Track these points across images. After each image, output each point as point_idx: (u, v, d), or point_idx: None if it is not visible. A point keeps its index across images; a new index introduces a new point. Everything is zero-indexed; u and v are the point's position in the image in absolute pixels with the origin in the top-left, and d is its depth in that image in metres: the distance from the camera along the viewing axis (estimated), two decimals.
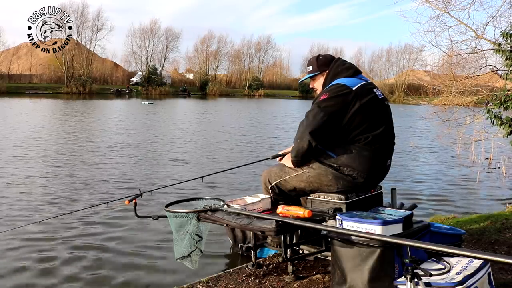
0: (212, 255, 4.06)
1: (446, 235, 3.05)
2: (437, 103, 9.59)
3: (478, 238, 3.79)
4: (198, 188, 6.73)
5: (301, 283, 2.79)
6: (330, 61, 2.94)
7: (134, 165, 9.05)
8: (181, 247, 2.92)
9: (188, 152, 11.30)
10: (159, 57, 64.69)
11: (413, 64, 54.41)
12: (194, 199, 3.31)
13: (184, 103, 41.57)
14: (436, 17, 7.65)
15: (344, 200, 2.71)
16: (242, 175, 8.02)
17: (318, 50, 69.97)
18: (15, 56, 61.41)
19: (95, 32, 58.01)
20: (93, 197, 6.38)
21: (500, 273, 2.91)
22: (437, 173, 9.35)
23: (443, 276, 2.07)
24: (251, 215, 2.68)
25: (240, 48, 71.79)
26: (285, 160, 2.93)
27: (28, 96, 43.68)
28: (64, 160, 9.37)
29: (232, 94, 64.21)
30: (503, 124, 6.51)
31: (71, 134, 14.11)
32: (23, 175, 7.70)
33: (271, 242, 3.10)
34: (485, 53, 7.53)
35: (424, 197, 7.09)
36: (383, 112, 2.79)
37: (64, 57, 52.98)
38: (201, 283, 2.86)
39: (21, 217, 5.33)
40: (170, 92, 59.78)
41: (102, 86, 57.00)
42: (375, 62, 71.78)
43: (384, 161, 2.80)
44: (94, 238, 4.69)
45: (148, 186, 6.77)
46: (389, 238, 1.87)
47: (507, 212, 5.21)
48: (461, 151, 10.70)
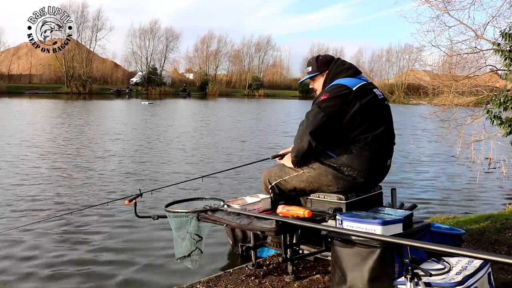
0: (212, 255, 4.06)
1: (446, 235, 3.05)
2: (437, 103, 9.61)
3: (478, 238, 3.79)
4: (198, 188, 6.73)
5: (301, 283, 2.79)
6: (329, 62, 2.94)
7: (134, 165, 9.05)
8: (181, 247, 2.92)
9: (188, 152, 11.30)
10: (159, 57, 64.76)
11: (413, 64, 54.32)
12: (194, 199, 3.30)
13: (184, 103, 41.57)
14: (436, 17, 7.68)
15: (344, 200, 2.71)
16: (242, 175, 8.02)
17: (318, 50, 69.98)
18: (15, 56, 61.37)
19: (95, 32, 58.03)
20: (93, 197, 6.38)
21: (500, 273, 2.91)
22: (437, 173, 9.35)
23: (443, 276, 2.07)
24: (251, 215, 2.68)
25: (240, 48, 71.86)
26: (285, 160, 2.93)
27: (28, 96, 43.69)
28: (64, 160, 9.37)
29: (232, 94, 64.18)
30: (503, 124, 6.52)
31: (70, 134, 14.10)
32: (23, 175, 7.70)
33: (271, 242, 3.10)
34: (485, 53, 7.56)
35: (424, 197, 7.09)
36: (383, 112, 2.79)
37: (64, 57, 52.93)
38: (201, 283, 2.86)
39: (20, 216, 5.33)
40: (170, 92, 59.74)
41: (102, 86, 56.97)
42: (375, 62, 71.85)
43: (384, 161, 2.80)
44: (94, 238, 4.69)
45: (148, 186, 6.77)
46: (389, 238, 1.87)
47: (507, 212, 5.21)
48: (461, 151, 10.70)
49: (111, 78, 62.82)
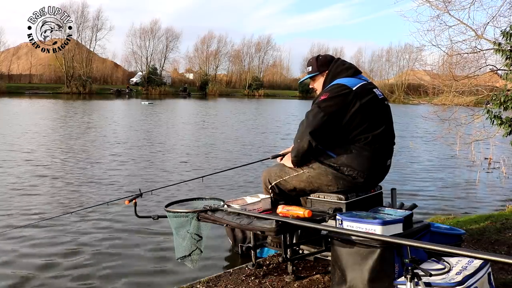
0: (212, 255, 4.06)
1: (446, 235, 3.05)
2: (437, 102, 9.60)
3: (478, 238, 3.79)
4: (198, 188, 6.73)
5: (301, 283, 2.79)
6: (329, 61, 2.94)
7: (134, 165, 9.05)
8: (181, 247, 2.92)
9: (188, 152, 11.30)
10: (159, 57, 64.77)
11: (413, 64, 54.26)
12: (194, 199, 3.30)
13: (184, 103, 41.57)
14: (436, 17, 7.67)
15: (344, 200, 2.71)
16: (242, 175, 8.02)
17: (318, 50, 69.98)
18: (15, 56, 61.35)
19: (95, 32, 58.04)
20: (93, 197, 6.38)
21: (500, 273, 2.91)
22: (437, 173, 9.35)
23: (443, 276, 2.07)
24: (251, 215, 2.68)
25: (240, 48, 71.88)
26: (285, 160, 2.93)
27: (28, 96, 43.69)
28: (64, 160, 9.37)
29: (232, 94, 64.18)
30: (503, 124, 6.52)
31: (70, 134, 14.10)
32: (23, 175, 7.70)
33: (271, 242, 3.10)
34: (485, 53, 7.55)
35: (424, 197, 7.09)
36: (383, 112, 2.79)
37: (64, 57, 52.92)
38: (201, 283, 2.86)
39: (20, 217, 5.34)
40: (170, 92, 59.74)
41: (102, 86, 56.97)
42: (375, 62, 71.85)
43: (384, 161, 2.80)
44: (94, 238, 4.69)
45: (148, 186, 6.76)
46: (389, 238, 1.87)
47: (507, 212, 5.21)
48: (461, 151, 10.70)
49: (111, 78, 62.81)
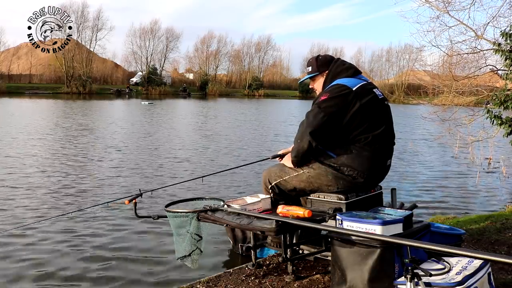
0: (212, 255, 4.06)
1: (446, 235, 3.05)
2: (437, 103, 9.60)
3: (478, 238, 3.79)
4: (198, 188, 6.73)
5: (301, 283, 2.79)
6: (329, 62, 2.94)
7: (134, 165, 9.05)
8: (181, 246, 2.92)
9: (188, 152, 11.30)
10: (159, 57, 64.75)
11: (413, 64, 54.24)
12: (194, 199, 3.30)
13: (184, 103, 41.56)
14: (436, 17, 7.67)
15: (344, 200, 2.71)
16: (242, 175, 8.02)
17: (318, 50, 69.94)
18: (15, 56, 61.35)
19: (95, 32, 58.00)
20: (93, 197, 6.38)
21: (500, 273, 2.91)
22: (437, 173, 9.35)
23: (443, 276, 2.07)
24: (251, 215, 2.68)
25: (240, 48, 71.85)
26: (285, 160, 2.94)
27: (28, 96, 43.69)
28: (63, 160, 9.37)
29: (232, 94, 64.18)
30: (503, 124, 6.52)
31: (70, 134, 14.10)
32: (22, 175, 7.70)
33: (271, 242, 3.10)
34: (485, 53, 7.55)
35: (424, 197, 7.09)
36: (383, 112, 2.80)
37: (64, 57, 52.92)
38: (201, 283, 2.86)
39: (20, 217, 5.33)
40: (170, 92, 59.74)
41: (102, 86, 56.97)
42: (375, 62, 71.83)
43: (384, 161, 2.80)
44: (94, 238, 4.69)
45: (148, 186, 6.77)
46: (389, 238, 1.87)
47: (507, 212, 5.21)
48: (460, 151, 10.70)
49: (111, 78, 62.80)
